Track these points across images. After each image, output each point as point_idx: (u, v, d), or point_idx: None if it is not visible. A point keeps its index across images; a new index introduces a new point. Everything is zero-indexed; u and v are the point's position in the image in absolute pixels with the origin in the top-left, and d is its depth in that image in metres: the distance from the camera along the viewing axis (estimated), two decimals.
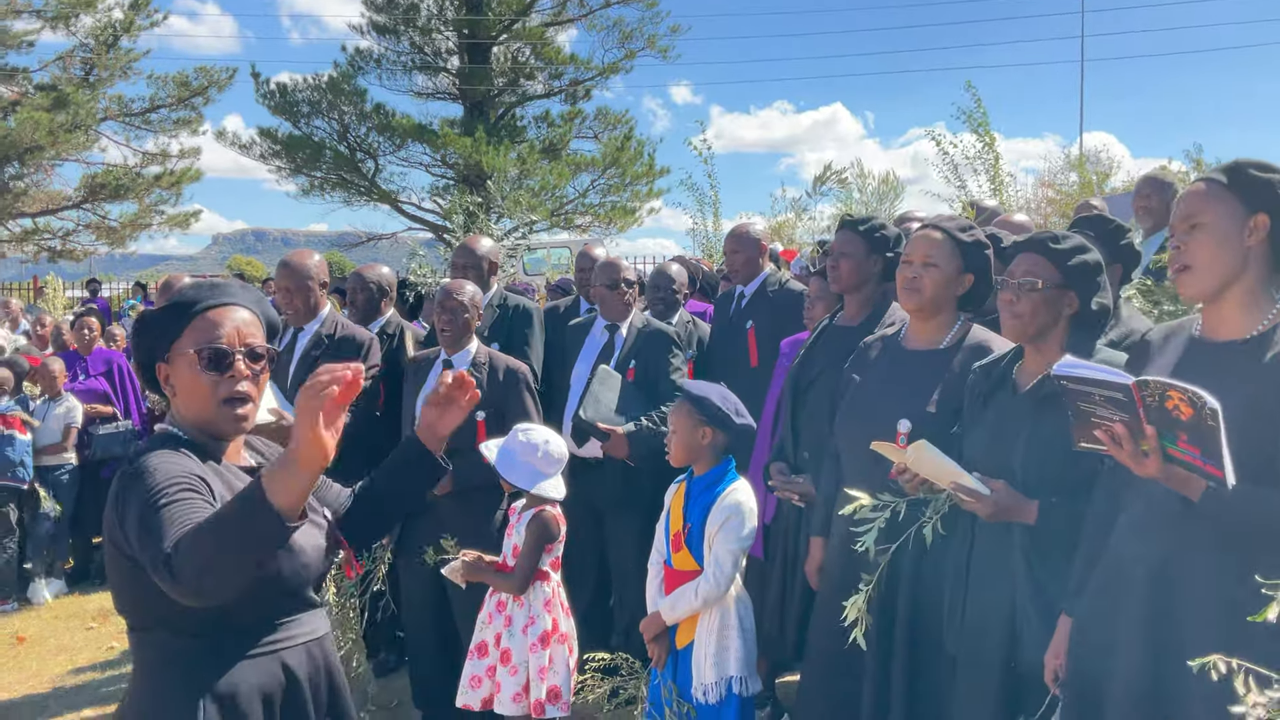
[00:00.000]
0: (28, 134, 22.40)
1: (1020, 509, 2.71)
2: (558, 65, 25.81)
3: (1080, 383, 2.19)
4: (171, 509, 1.86)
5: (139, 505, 1.89)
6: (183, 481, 1.93)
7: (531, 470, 3.73)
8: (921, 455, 2.77)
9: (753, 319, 4.95)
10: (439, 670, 4.53)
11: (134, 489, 1.93)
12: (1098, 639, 2.33)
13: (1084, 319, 2.84)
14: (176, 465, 1.98)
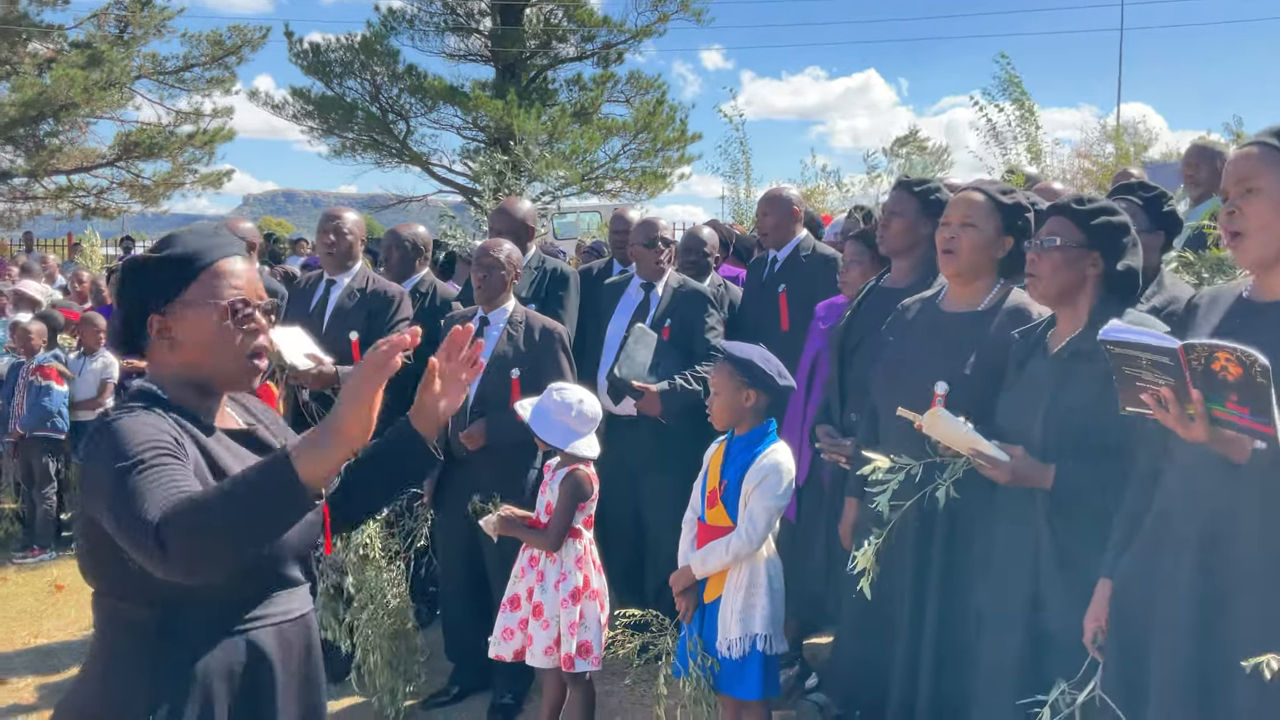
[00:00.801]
0: (63, 91, 22.53)
1: (1037, 475, 2.71)
2: (590, 28, 25.64)
3: (1126, 347, 2.18)
4: (150, 474, 1.73)
5: (111, 469, 1.75)
6: (160, 445, 1.80)
7: (565, 429, 3.76)
8: (936, 423, 2.78)
9: (785, 283, 4.94)
10: (471, 622, 4.60)
11: (103, 450, 1.79)
12: (1142, 600, 2.33)
13: (1113, 282, 2.82)
14: (151, 427, 1.84)
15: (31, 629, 5.81)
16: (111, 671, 1.91)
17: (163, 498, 1.69)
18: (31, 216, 26.33)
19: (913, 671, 3.11)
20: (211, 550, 1.66)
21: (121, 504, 1.71)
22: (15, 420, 7.21)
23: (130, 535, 1.70)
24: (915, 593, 3.10)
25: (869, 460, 2.99)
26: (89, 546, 1.91)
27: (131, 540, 1.70)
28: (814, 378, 4.42)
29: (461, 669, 4.67)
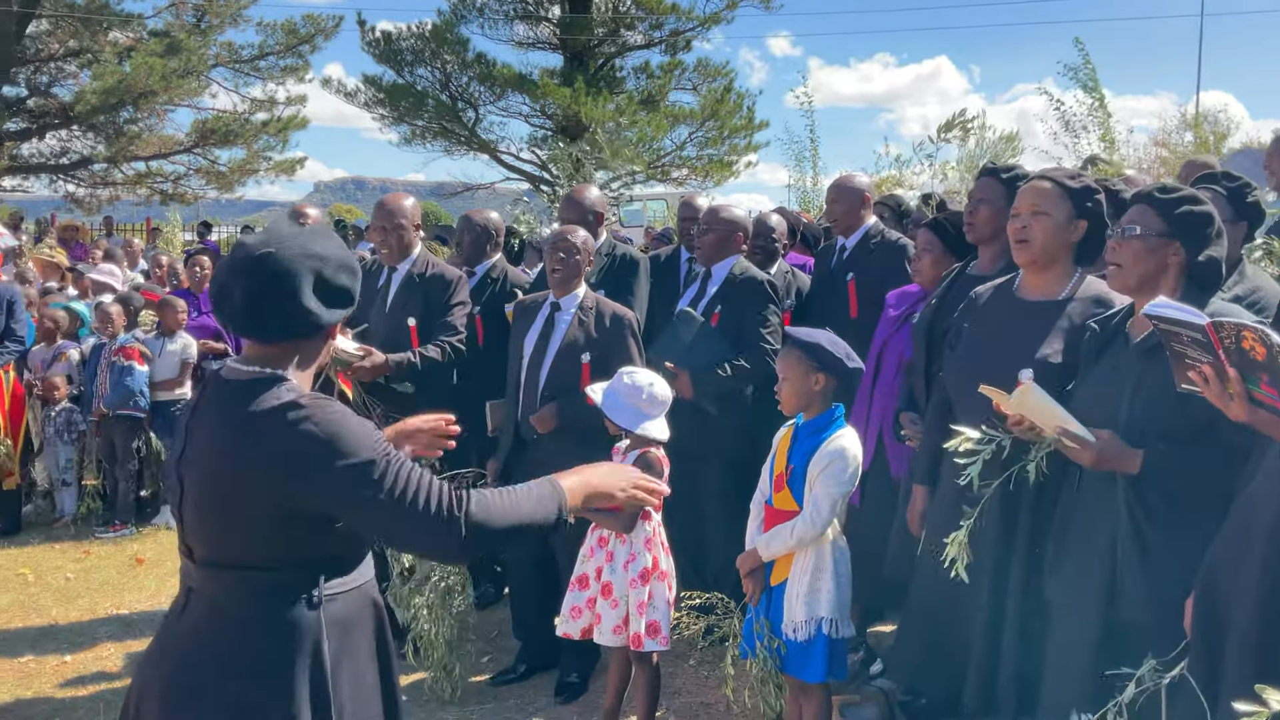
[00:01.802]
0: (142, 79, 23.02)
1: (1124, 458, 2.69)
2: (659, 15, 25.54)
3: (1168, 323, 2.20)
4: (404, 467, 2.02)
5: (357, 460, 1.98)
6: (384, 440, 2.07)
7: (636, 411, 3.80)
8: (1027, 398, 2.77)
9: (853, 271, 4.93)
10: (538, 601, 4.68)
11: (332, 441, 1.98)
12: (1223, 583, 2.31)
13: (1196, 273, 2.79)
14: (360, 422, 2.06)
15: (114, 600, 6.00)
16: (270, 632, 2.07)
17: (440, 491, 2.01)
18: (111, 201, 26.99)
19: (992, 657, 3.10)
20: (497, 546, 2.08)
21: (390, 492, 1.97)
22: (99, 399, 7.43)
23: (416, 524, 1.99)
24: (996, 578, 3.09)
25: (957, 434, 2.97)
26: (256, 524, 2.04)
27: (416, 527, 1.99)
28: (881, 365, 4.41)
29: (528, 647, 4.75)
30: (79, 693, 4.73)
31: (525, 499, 2.09)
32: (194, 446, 2.12)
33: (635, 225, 18.01)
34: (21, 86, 25.25)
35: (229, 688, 2.06)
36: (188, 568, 2.16)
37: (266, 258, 2.05)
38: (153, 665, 2.16)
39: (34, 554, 6.91)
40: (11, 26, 23.65)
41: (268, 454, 1.99)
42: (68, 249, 12.21)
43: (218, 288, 2.11)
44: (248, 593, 2.08)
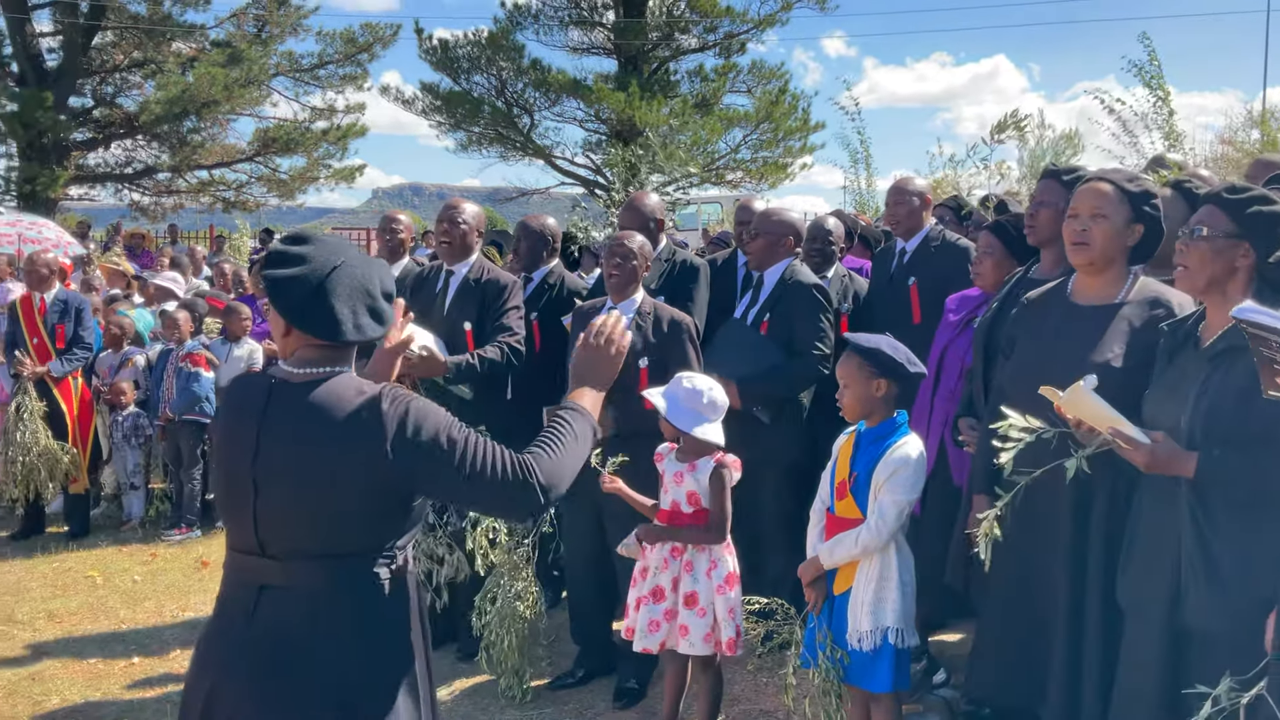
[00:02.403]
0: (204, 89, 23.46)
1: (1178, 461, 2.64)
2: (713, 18, 25.54)
3: (1258, 328, 2.15)
4: (479, 439, 2.20)
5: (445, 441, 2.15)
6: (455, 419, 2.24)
7: (695, 415, 3.80)
8: (1078, 398, 2.73)
9: (915, 275, 4.88)
10: (596, 606, 4.70)
11: (424, 428, 2.16)
12: None
13: (1268, 275, 2.73)
14: (435, 405, 2.24)
15: (180, 603, 6.11)
16: (364, 614, 2.20)
17: (511, 457, 2.18)
18: (175, 210, 27.52)
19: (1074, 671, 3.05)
20: (565, 491, 2.25)
21: (473, 464, 2.15)
22: (165, 404, 7.57)
23: (498, 491, 2.16)
24: (1073, 587, 3.04)
25: (1004, 417, 2.93)
26: (346, 511, 2.17)
27: (498, 493, 2.17)
28: (942, 371, 4.37)
29: (587, 652, 4.76)
30: (146, 694, 4.82)
31: (571, 439, 2.27)
32: (274, 449, 2.19)
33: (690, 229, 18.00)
34: (88, 97, 25.86)
35: (328, 674, 2.16)
36: (259, 566, 2.21)
37: (343, 268, 2.21)
38: (226, 665, 2.20)
39: (102, 557, 7.06)
40: (78, 38, 24.23)
41: (356, 443, 2.13)
42: (134, 257, 12.46)
43: (300, 299, 2.20)
44: (342, 578, 2.19)
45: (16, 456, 7.13)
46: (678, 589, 3.84)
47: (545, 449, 2.22)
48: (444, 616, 5.03)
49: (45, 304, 7.38)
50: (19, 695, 4.82)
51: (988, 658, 3.40)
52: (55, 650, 5.37)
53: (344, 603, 2.19)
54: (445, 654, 4.99)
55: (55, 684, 4.93)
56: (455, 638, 4.97)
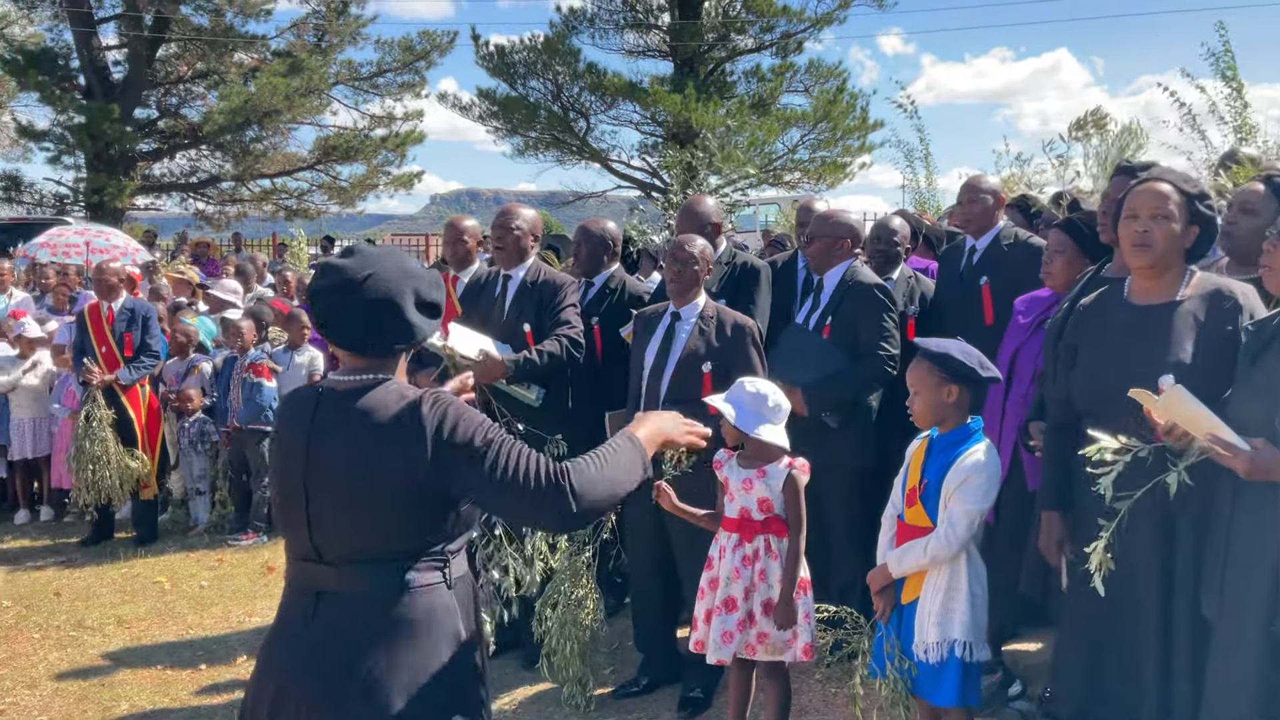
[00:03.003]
0: (266, 98, 23.81)
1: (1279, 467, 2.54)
2: (769, 18, 25.39)
3: None
4: (516, 445, 2.23)
5: (478, 444, 2.18)
6: (493, 425, 2.26)
7: (759, 418, 3.75)
8: (1174, 402, 2.64)
9: (988, 274, 4.77)
10: (660, 615, 4.65)
11: (461, 430, 2.19)
12: None
13: None
14: (475, 411, 2.27)
15: (246, 608, 6.16)
16: (418, 616, 2.23)
17: (547, 466, 2.20)
18: (239, 218, 27.98)
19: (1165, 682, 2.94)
20: (601, 510, 2.25)
21: (505, 469, 2.17)
22: (233, 413, 7.66)
23: (529, 497, 2.17)
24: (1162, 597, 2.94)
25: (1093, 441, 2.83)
26: (394, 515, 2.21)
27: (529, 500, 2.18)
28: (1014, 374, 4.26)
29: (650, 660, 4.71)
30: (214, 700, 4.86)
31: (616, 461, 2.27)
32: (322, 456, 2.24)
33: (748, 230, 17.90)
34: (153, 108, 26.38)
35: (388, 674, 2.19)
36: (315, 571, 2.27)
37: (370, 279, 2.23)
38: (291, 670, 2.25)
39: (170, 562, 7.15)
40: (142, 51, 24.71)
41: (402, 442, 2.17)
42: (200, 265, 12.64)
43: (328, 311, 2.27)
44: (392, 581, 2.22)
45: (87, 464, 7.24)
46: (750, 598, 3.78)
47: (586, 461, 2.25)
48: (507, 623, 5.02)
49: (113, 313, 7.49)
50: (89, 701, 4.87)
51: (1072, 671, 3.29)
52: (124, 656, 5.43)
53: (394, 607, 2.22)
54: (508, 661, 4.97)
55: (124, 690, 4.99)
56: (519, 644, 4.94)
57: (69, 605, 6.25)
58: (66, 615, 6.06)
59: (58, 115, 24.63)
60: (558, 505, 2.17)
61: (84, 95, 24.38)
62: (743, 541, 3.83)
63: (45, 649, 5.55)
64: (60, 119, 24.63)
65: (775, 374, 4.43)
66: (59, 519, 8.26)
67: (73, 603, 6.29)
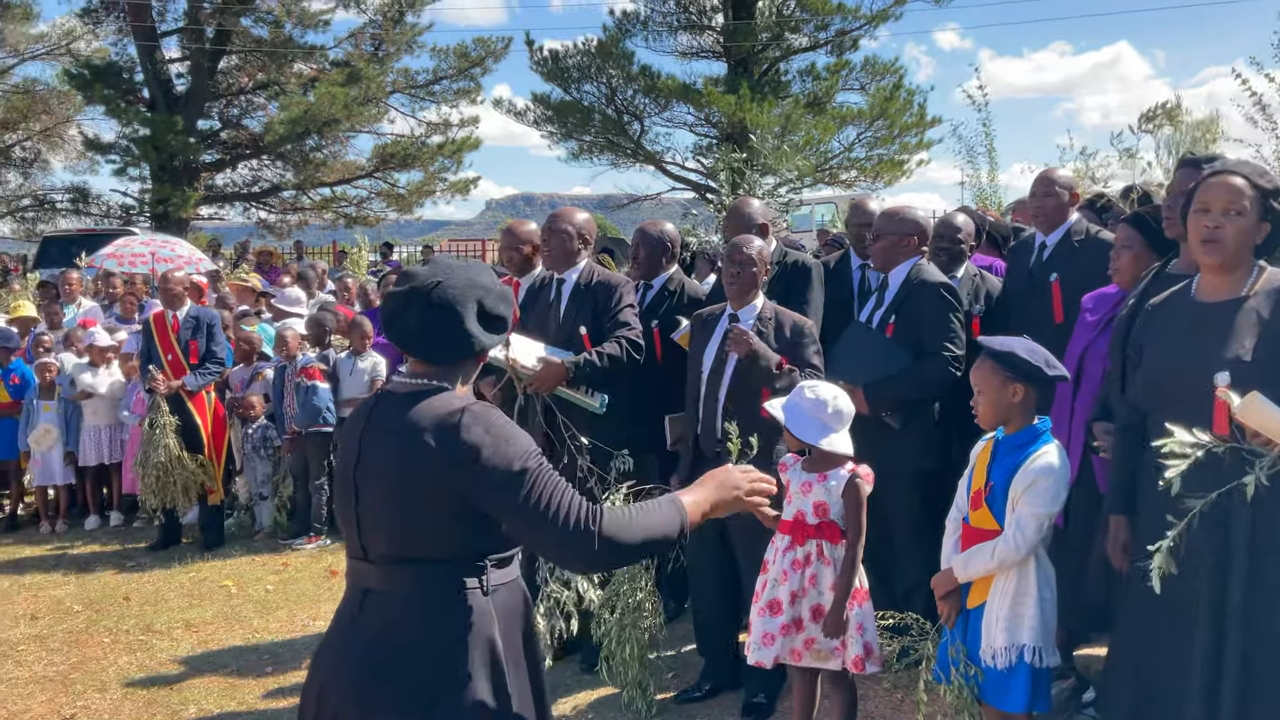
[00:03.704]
0: (325, 108, 24.16)
1: None
2: (824, 16, 25.22)
3: None
4: (552, 478, 2.22)
5: (513, 468, 2.18)
6: (537, 450, 2.26)
7: (820, 425, 3.69)
8: (1253, 406, 2.57)
9: (1058, 271, 4.66)
10: (723, 620, 4.61)
11: (498, 447, 2.19)
12: None
13: None
14: (520, 430, 2.27)
15: (310, 612, 6.22)
16: (451, 620, 2.25)
17: (580, 505, 2.19)
18: (300, 226, 28.41)
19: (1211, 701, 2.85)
20: (627, 559, 2.27)
21: (537, 502, 2.17)
22: (290, 419, 7.76)
23: (556, 533, 2.17)
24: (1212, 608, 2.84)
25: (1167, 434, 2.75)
26: (433, 519, 2.23)
27: (556, 536, 2.17)
28: (1082, 373, 4.16)
29: (712, 665, 4.67)
30: (280, 704, 4.90)
31: (652, 516, 2.25)
32: (370, 456, 2.31)
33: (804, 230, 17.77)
34: (215, 120, 26.89)
35: (417, 677, 2.23)
36: (363, 570, 2.34)
37: (437, 287, 2.29)
38: (333, 666, 2.32)
39: (236, 567, 7.25)
40: (204, 63, 25.18)
41: (439, 454, 2.19)
42: (263, 273, 12.82)
43: (391, 314, 2.33)
44: (428, 584, 2.26)
45: (151, 469, 7.37)
46: (797, 603, 3.73)
47: (621, 510, 2.23)
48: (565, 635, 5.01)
49: (178, 321, 7.61)
50: (158, 705, 4.94)
51: (1123, 679, 3.19)
52: (192, 660, 5.51)
53: (430, 609, 2.25)
54: (569, 664, 4.97)
55: (193, 694, 5.05)
56: (580, 648, 4.93)
57: (138, 609, 6.35)
58: (135, 619, 6.16)
59: (123, 128, 25.21)
60: (584, 547, 2.17)
61: (148, 108, 24.89)
62: (794, 545, 3.78)
63: (115, 653, 5.65)
64: (125, 131, 25.20)
65: (836, 372, 4.38)
66: (128, 524, 8.43)
67: (141, 607, 6.40)
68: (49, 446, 8.27)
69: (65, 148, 29.40)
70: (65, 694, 5.11)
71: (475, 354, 2.36)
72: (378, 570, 2.30)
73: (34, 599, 6.62)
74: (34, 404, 8.30)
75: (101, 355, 8.39)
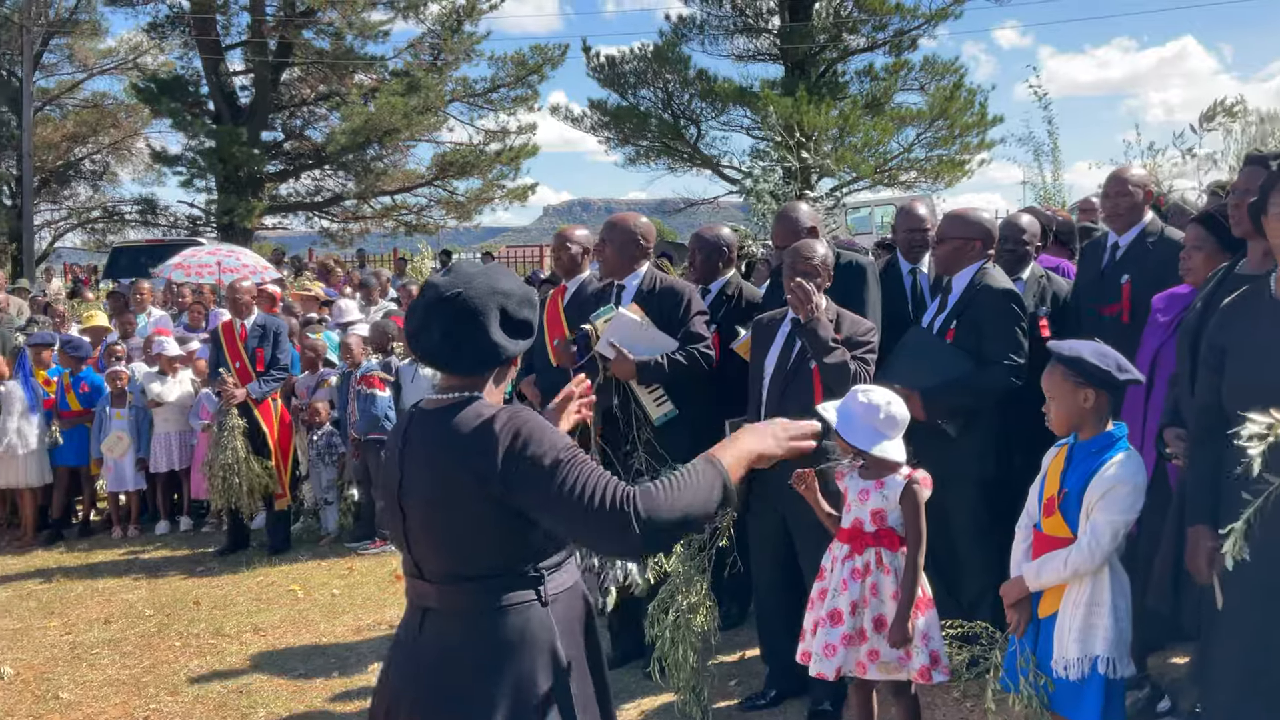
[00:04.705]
0: (386, 117, 24.47)
1: None
2: (882, 16, 25.01)
3: None
4: (587, 465, 2.15)
5: (547, 461, 2.13)
6: (569, 441, 2.21)
7: (872, 431, 3.62)
8: None
9: (1129, 272, 4.57)
10: (787, 627, 4.53)
11: (532, 445, 2.15)
12: None
13: None
14: (552, 428, 2.23)
15: (376, 616, 6.28)
16: (510, 635, 2.22)
17: (615, 488, 2.11)
18: (361, 235, 28.79)
19: None
20: (672, 536, 2.14)
21: (571, 490, 2.10)
22: (352, 425, 7.86)
23: (594, 519, 2.09)
24: None
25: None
26: (479, 533, 2.20)
27: (593, 522, 2.09)
28: (1155, 376, 4.07)
29: (776, 672, 4.63)
30: (347, 708, 4.95)
31: (690, 485, 2.14)
32: (411, 475, 2.29)
33: (864, 232, 17.63)
34: (278, 131, 27.32)
35: (481, 697, 2.20)
36: (420, 588, 2.32)
37: (456, 298, 2.24)
38: (398, 688, 2.31)
39: (303, 571, 7.34)
40: (268, 75, 25.60)
41: (474, 462, 2.16)
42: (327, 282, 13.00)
43: (414, 326, 2.30)
44: (484, 601, 2.23)
45: (219, 472, 7.51)
46: (858, 613, 3.67)
47: (657, 485, 2.14)
48: (632, 631, 5.01)
49: (245, 329, 7.74)
50: (228, 708, 5.02)
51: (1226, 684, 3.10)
52: (261, 663, 5.59)
53: (488, 627, 2.23)
54: (631, 670, 4.96)
55: (261, 697, 5.13)
56: (642, 653, 4.92)
57: (207, 613, 6.46)
58: (205, 623, 6.27)
59: (189, 140, 25.74)
60: (622, 529, 2.08)
61: (213, 120, 25.38)
62: (853, 554, 3.73)
63: (186, 656, 5.75)
64: (191, 144, 25.73)
65: (894, 376, 4.32)
66: (197, 529, 8.58)
67: (211, 611, 6.51)
68: (121, 454, 8.45)
69: (133, 160, 30.19)
70: (138, 696, 5.21)
71: (502, 363, 2.32)
72: (434, 589, 2.28)
73: (107, 603, 6.76)
74: (107, 412, 8.49)
75: (170, 364, 8.56)
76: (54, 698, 5.23)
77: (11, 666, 5.65)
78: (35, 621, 6.44)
